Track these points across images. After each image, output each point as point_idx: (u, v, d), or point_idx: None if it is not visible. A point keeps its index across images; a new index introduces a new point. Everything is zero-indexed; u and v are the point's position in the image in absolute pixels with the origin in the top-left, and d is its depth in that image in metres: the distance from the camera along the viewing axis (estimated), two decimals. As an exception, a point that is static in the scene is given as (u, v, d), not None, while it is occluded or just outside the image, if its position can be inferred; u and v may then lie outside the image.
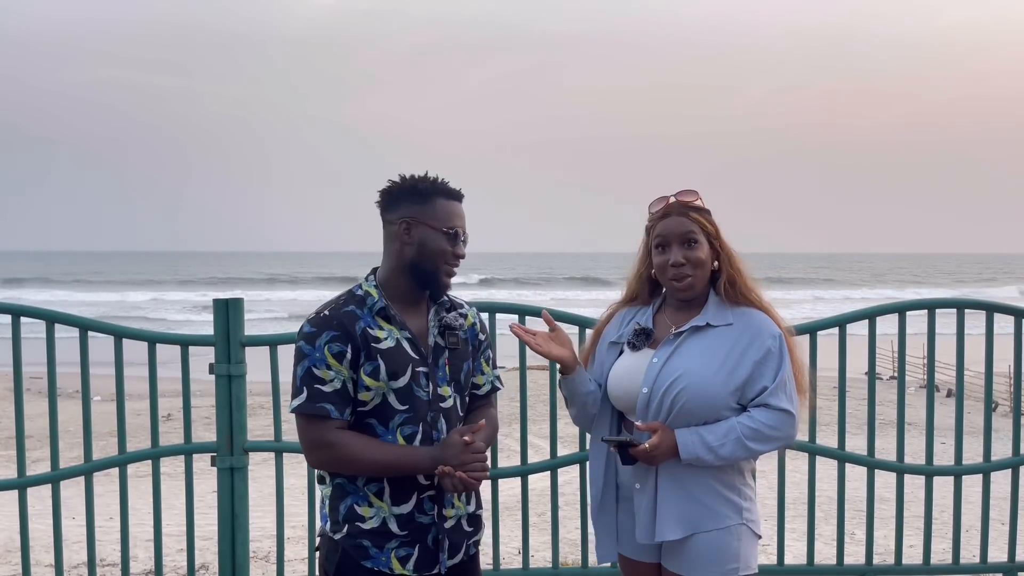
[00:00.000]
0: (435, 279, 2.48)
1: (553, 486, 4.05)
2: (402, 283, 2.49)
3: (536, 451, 7.52)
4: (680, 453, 2.48)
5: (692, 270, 2.59)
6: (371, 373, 2.39)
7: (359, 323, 2.41)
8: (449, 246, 2.46)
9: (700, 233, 2.60)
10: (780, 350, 2.56)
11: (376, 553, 2.43)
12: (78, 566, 5.57)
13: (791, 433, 2.55)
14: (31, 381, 6.35)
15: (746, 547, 2.57)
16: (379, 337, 2.42)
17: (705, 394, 2.50)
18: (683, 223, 2.60)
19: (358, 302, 2.46)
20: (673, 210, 2.62)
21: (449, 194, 2.49)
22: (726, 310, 2.61)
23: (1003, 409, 13.86)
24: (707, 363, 2.53)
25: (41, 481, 3.88)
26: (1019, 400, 4.07)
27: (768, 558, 5.55)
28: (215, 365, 3.87)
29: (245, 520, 3.95)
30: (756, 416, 2.50)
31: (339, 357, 2.38)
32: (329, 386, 2.39)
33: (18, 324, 3.81)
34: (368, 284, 2.51)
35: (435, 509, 2.48)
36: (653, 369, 2.57)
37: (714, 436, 2.48)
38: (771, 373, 2.54)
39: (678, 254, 2.59)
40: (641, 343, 2.65)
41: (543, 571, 4.12)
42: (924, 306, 4.10)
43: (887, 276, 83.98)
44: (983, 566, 4.17)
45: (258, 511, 5.45)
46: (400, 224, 2.45)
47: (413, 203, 2.45)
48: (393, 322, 2.46)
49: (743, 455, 2.50)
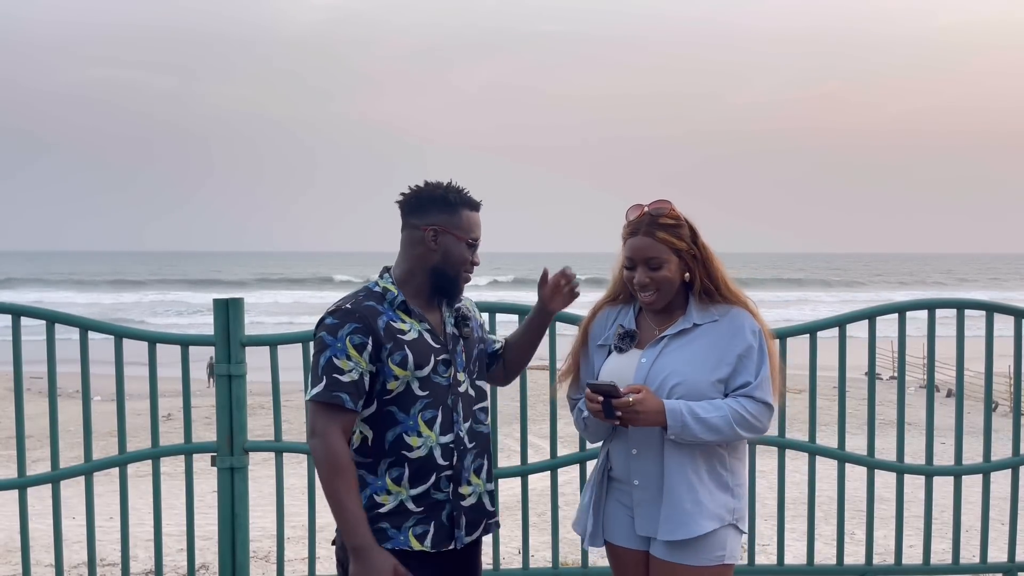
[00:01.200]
0: (455, 285, 2.64)
1: (553, 486, 4.05)
2: (421, 283, 2.62)
3: (536, 451, 7.52)
4: (667, 419, 2.50)
5: (657, 287, 2.64)
6: (399, 363, 2.51)
7: (381, 317, 2.53)
8: (469, 255, 2.63)
9: (667, 251, 2.62)
10: (760, 346, 2.62)
11: (394, 534, 2.53)
12: (78, 566, 5.57)
13: (767, 425, 2.64)
14: (31, 381, 6.35)
15: (732, 540, 2.64)
16: (403, 329, 2.55)
17: (695, 391, 2.56)
18: (649, 246, 2.62)
19: (377, 298, 2.57)
20: (640, 229, 2.64)
21: (472, 205, 2.63)
22: (710, 308, 2.67)
23: (1003, 409, 13.87)
24: (695, 361, 2.59)
25: (41, 481, 3.88)
26: (1019, 400, 4.06)
27: (768, 558, 5.55)
28: (215, 365, 3.88)
29: (245, 520, 3.95)
30: (744, 404, 2.57)
31: (360, 349, 2.48)
32: (347, 376, 2.47)
33: (18, 324, 3.81)
34: (385, 281, 2.62)
35: (450, 487, 2.58)
36: (642, 370, 2.62)
37: (702, 408, 2.52)
38: (754, 367, 2.60)
39: (643, 275, 2.64)
40: (627, 345, 2.70)
41: (543, 571, 4.12)
42: (924, 306, 4.10)
43: (888, 276, 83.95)
44: (983, 566, 4.18)
45: (258, 511, 5.45)
46: (428, 231, 2.58)
47: (441, 212, 2.58)
48: (413, 315, 2.59)
49: (728, 435, 2.54)
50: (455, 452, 2.59)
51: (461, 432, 2.61)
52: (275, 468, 4.03)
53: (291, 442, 4.04)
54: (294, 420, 11.88)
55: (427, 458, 2.55)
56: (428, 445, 2.55)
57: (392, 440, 2.54)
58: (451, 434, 2.59)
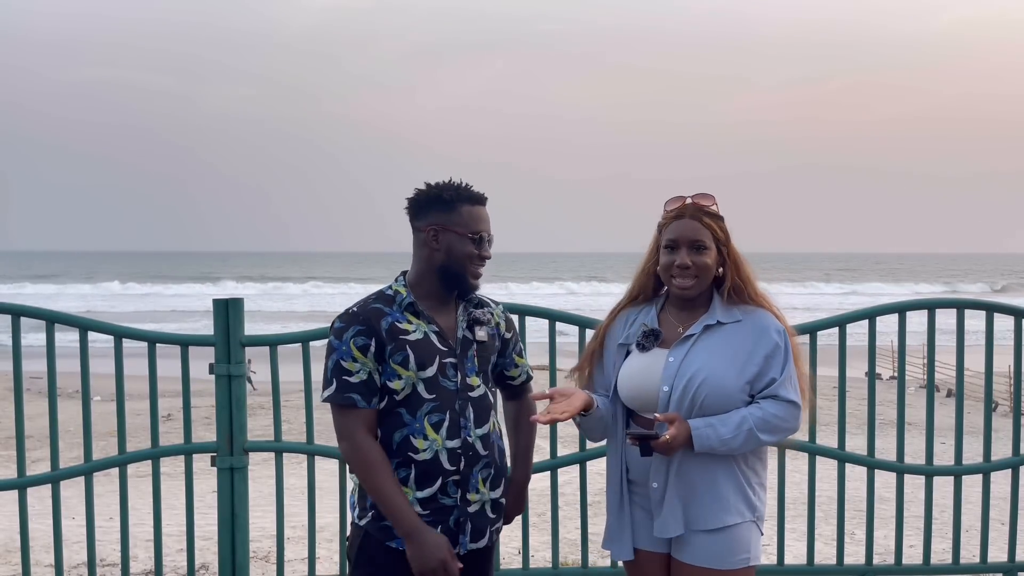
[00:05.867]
0: (463, 280, 2.64)
1: (553, 486, 4.05)
2: (432, 284, 2.65)
3: (536, 451, 7.50)
4: (694, 444, 2.53)
5: (696, 274, 2.65)
6: (401, 362, 2.54)
7: (386, 318, 2.57)
8: (475, 249, 2.62)
9: (710, 239, 2.66)
10: (786, 345, 2.64)
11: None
12: (78, 566, 5.56)
13: (796, 425, 2.63)
14: (31, 381, 6.35)
15: (755, 540, 2.65)
16: (407, 330, 2.58)
17: (723, 390, 2.57)
18: (695, 227, 2.65)
19: (387, 300, 2.62)
20: (687, 212, 2.68)
21: (473, 199, 2.64)
22: (733, 308, 2.68)
23: (1003, 409, 13.86)
24: (722, 359, 2.60)
25: (41, 481, 3.88)
26: (1019, 400, 4.07)
27: (768, 558, 5.55)
28: (215, 365, 3.87)
29: (245, 520, 3.94)
30: (766, 407, 2.57)
31: (363, 350, 2.53)
32: (356, 377, 2.53)
33: (18, 324, 3.81)
34: (398, 284, 2.67)
35: (459, 492, 2.60)
36: (671, 368, 2.62)
37: (727, 428, 2.54)
38: (779, 366, 2.62)
39: (686, 257, 2.64)
40: (650, 344, 2.70)
41: (543, 571, 4.12)
42: (924, 306, 4.10)
43: (887, 275, 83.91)
44: (983, 566, 4.17)
45: (258, 511, 5.44)
46: (428, 231, 2.61)
47: (439, 211, 2.61)
48: (421, 317, 2.62)
49: (753, 445, 2.57)
50: (463, 458, 2.59)
51: (471, 438, 2.61)
52: (275, 468, 4.02)
53: (291, 442, 4.04)
54: (294, 420, 11.88)
55: (432, 461, 2.56)
56: (434, 449, 2.56)
57: (400, 441, 2.57)
58: (458, 439, 2.59)
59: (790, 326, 2.72)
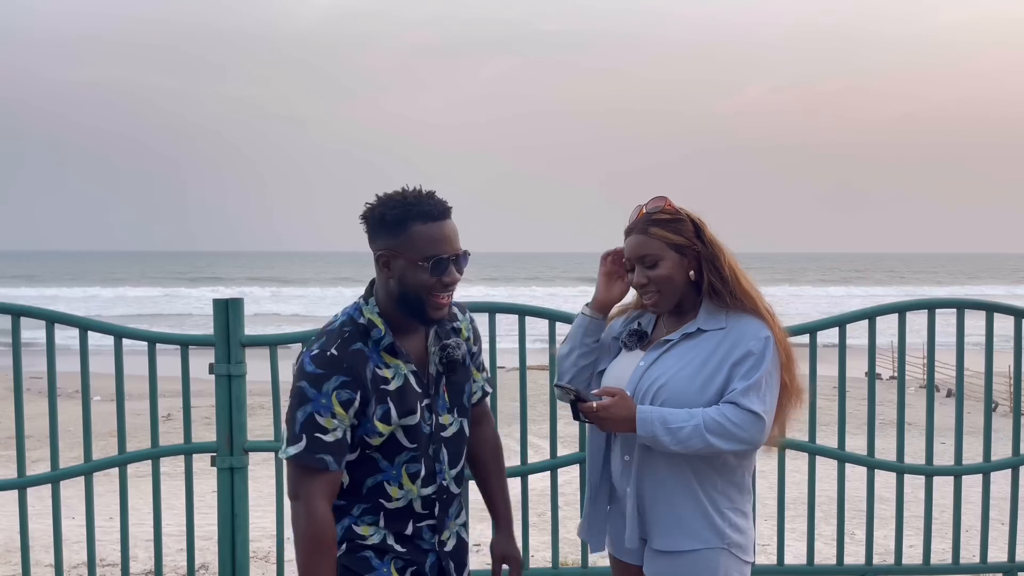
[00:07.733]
0: (422, 312, 2.29)
1: (553, 486, 4.05)
2: (396, 313, 2.32)
3: (536, 451, 7.50)
4: (637, 428, 2.43)
5: (657, 288, 2.55)
6: (382, 417, 2.25)
7: (368, 365, 2.25)
8: (430, 277, 2.24)
9: (663, 247, 2.52)
10: (762, 352, 2.46)
11: (378, 564, 2.34)
12: (78, 566, 5.57)
13: (757, 437, 2.44)
14: (31, 381, 6.34)
15: (728, 569, 2.52)
16: (387, 378, 2.27)
17: (681, 399, 2.46)
18: (641, 242, 2.55)
19: (362, 334, 2.28)
20: (635, 228, 2.58)
21: (427, 216, 2.22)
22: (720, 314, 2.54)
23: (1003, 409, 13.86)
24: (689, 369, 2.49)
25: (41, 481, 3.88)
26: (1019, 400, 4.07)
27: (768, 558, 5.55)
28: (215, 365, 3.87)
29: (245, 520, 3.95)
30: (723, 411, 2.42)
31: (346, 405, 2.20)
32: (331, 435, 2.19)
33: (18, 324, 3.81)
34: (370, 310, 2.31)
35: (435, 537, 2.40)
36: (638, 372, 2.57)
37: (675, 418, 2.41)
38: (745, 374, 2.45)
39: (640, 275, 2.56)
40: (633, 344, 2.65)
41: (543, 571, 4.12)
42: (924, 306, 4.10)
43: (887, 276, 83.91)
44: (983, 566, 4.18)
45: (258, 511, 5.44)
46: (380, 257, 2.28)
47: (387, 235, 2.24)
48: (399, 356, 2.31)
49: (700, 445, 2.40)
50: (437, 503, 2.38)
51: (445, 481, 2.39)
52: (275, 468, 4.02)
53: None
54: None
55: (406, 508, 2.35)
56: (408, 497, 2.34)
57: (372, 486, 2.32)
58: (433, 485, 2.37)
59: (782, 330, 2.58)
